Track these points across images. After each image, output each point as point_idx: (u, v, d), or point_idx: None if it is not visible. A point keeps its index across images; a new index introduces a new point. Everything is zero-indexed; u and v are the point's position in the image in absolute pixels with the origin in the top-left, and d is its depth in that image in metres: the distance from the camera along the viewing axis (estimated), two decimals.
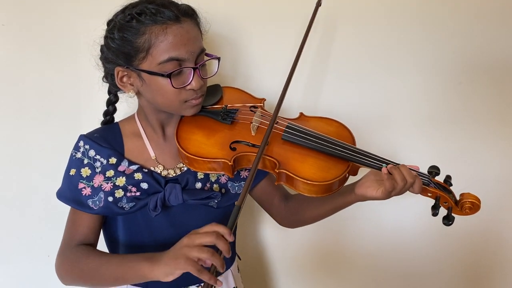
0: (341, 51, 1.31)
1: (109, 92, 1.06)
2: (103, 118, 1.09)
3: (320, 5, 1.09)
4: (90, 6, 1.20)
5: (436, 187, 0.95)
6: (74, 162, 1.00)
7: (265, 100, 1.08)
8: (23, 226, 1.33)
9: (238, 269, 1.17)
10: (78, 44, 1.21)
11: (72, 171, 0.99)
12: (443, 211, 0.95)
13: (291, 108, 1.29)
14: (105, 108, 1.08)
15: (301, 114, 1.07)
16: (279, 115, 1.02)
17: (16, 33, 1.21)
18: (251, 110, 1.04)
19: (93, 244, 1.01)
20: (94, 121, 1.10)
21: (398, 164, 0.92)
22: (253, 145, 0.96)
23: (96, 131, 1.05)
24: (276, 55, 1.28)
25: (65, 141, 1.12)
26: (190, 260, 0.78)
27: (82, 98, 1.27)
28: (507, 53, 1.34)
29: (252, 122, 1.00)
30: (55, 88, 1.25)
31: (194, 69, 0.92)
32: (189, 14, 0.94)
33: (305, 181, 0.91)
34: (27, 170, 1.29)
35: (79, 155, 1.00)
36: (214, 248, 0.79)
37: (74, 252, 0.97)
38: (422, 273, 1.49)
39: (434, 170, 0.96)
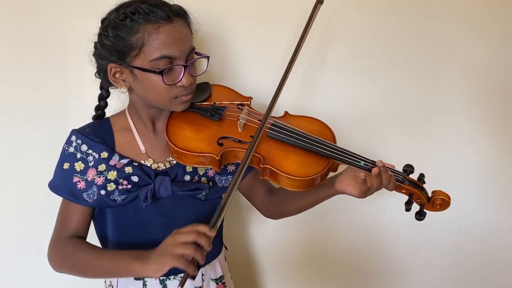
0: (322, 54, 1.34)
1: (101, 88, 1.09)
2: (93, 113, 1.11)
3: (321, 3, 1.09)
4: (79, 5, 1.22)
5: (410, 185, 1.01)
6: (68, 156, 1.02)
7: (252, 98, 1.12)
8: (12, 221, 1.33)
9: (225, 258, 1.21)
10: (68, 41, 1.23)
11: (66, 165, 1.02)
12: (416, 207, 1.01)
13: (277, 107, 1.31)
14: (96, 103, 1.10)
15: (286, 112, 1.12)
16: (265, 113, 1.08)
17: (6, 31, 1.21)
18: (239, 108, 1.09)
19: (84, 236, 1.05)
20: (84, 116, 1.12)
21: (375, 161, 0.97)
22: (240, 141, 1.00)
23: (87, 126, 1.07)
24: (262, 54, 1.31)
25: (55, 136, 1.14)
26: (175, 256, 0.85)
27: (71, 94, 1.28)
28: (481, 48, 1.36)
29: (239, 119, 1.04)
30: (45, 84, 1.26)
31: (185, 66, 0.95)
32: (181, 14, 0.97)
33: (288, 176, 0.95)
34: (16, 165, 1.30)
35: (71, 149, 1.02)
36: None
37: (67, 245, 1.01)
38: (407, 269, 1.52)
39: (408, 169, 1.02)
